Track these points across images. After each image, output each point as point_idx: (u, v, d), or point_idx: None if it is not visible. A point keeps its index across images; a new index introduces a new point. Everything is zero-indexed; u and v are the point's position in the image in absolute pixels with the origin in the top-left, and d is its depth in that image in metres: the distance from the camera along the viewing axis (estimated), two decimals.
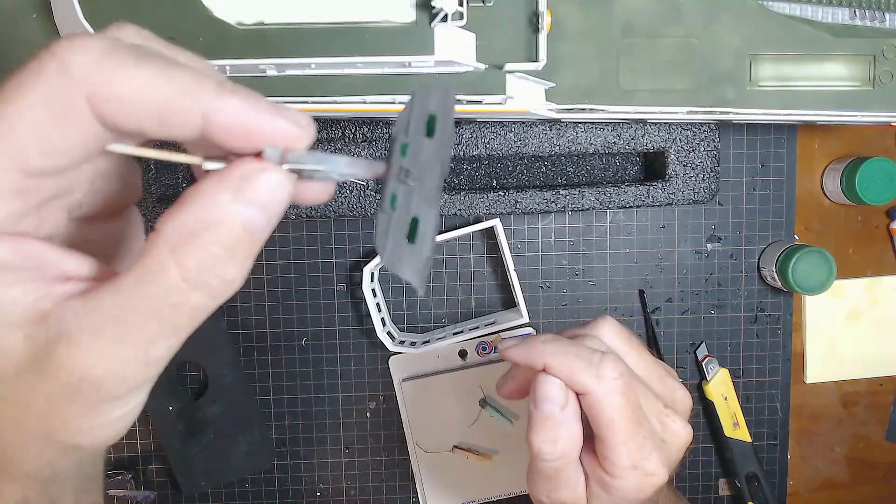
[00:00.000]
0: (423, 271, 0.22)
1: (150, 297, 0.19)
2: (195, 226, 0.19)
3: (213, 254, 0.19)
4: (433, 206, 0.23)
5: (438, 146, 0.23)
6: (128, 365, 0.20)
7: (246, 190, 0.19)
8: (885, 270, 0.70)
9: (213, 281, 0.19)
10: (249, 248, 0.19)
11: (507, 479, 0.68)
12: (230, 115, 0.19)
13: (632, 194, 0.62)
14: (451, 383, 0.67)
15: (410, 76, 0.48)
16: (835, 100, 0.52)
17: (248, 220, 0.19)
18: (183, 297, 0.19)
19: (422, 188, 0.23)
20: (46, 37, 0.48)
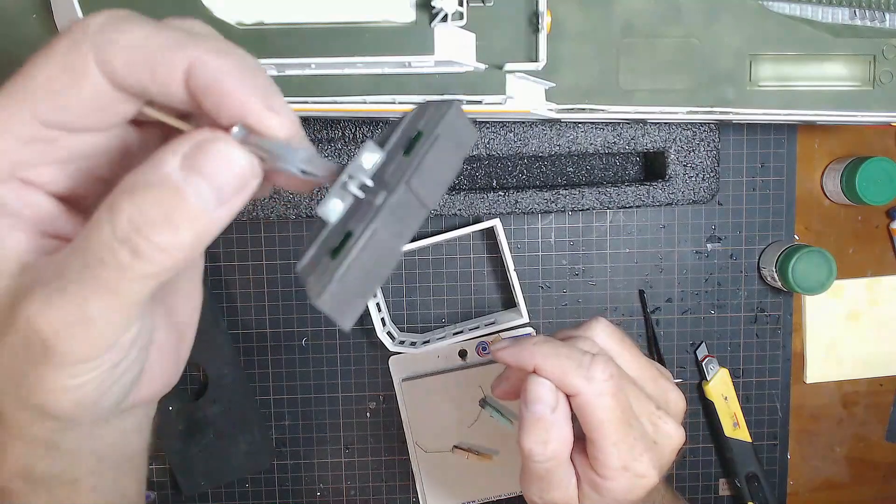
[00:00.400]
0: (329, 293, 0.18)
1: (83, 250, 0.19)
2: (136, 183, 0.19)
3: (145, 213, 0.18)
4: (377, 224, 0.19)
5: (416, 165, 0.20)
6: (64, 319, 0.19)
7: (194, 157, 0.19)
8: (885, 270, 0.70)
9: (143, 243, 0.18)
10: (190, 219, 0.19)
11: (507, 479, 0.68)
12: (208, 72, 0.19)
13: (632, 194, 0.62)
14: (451, 383, 0.67)
15: (410, 76, 0.48)
16: (835, 100, 0.52)
17: (192, 189, 0.19)
18: (110, 254, 0.19)
19: (370, 205, 0.19)
20: (46, 37, 0.48)
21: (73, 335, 0.20)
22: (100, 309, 0.19)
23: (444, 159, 0.20)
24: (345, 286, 0.19)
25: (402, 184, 0.19)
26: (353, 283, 0.19)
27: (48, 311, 0.19)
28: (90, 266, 0.19)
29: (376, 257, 0.19)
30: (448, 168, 0.20)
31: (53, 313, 0.19)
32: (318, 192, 0.61)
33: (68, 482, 0.25)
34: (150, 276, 0.19)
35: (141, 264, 0.19)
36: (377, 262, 0.19)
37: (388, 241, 0.19)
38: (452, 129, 0.20)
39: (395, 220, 0.19)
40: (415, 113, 0.21)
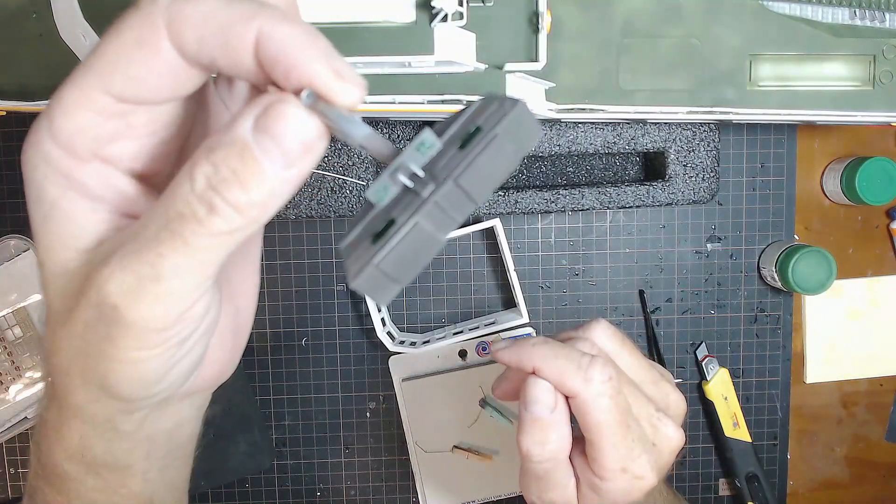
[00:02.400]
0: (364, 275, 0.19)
1: (162, 208, 0.20)
2: (212, 144, 0.19)
3: (220, 172, 0.19)
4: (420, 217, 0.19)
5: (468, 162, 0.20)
6: (137, 280, 0.20)
7: (264, 118, 0.19)
8: (885, 270, 0.70)
9: (217, 199, 0.19)
10: (259, 178, 0.19)
11: (507, 479, 0.68)
12: (276, 42, 0.19)
13: (632, 194, 0.62)
14: (451, 383, 0.67)
15: (410, 76, 0.48)
16: (835, 100, 0.52)
17: (261, 150, 0.19)
18: (188, 208, 0.19)
19: (417, 196, 0.20)
20: (46, 37, 0.48)
21: (145, 300, 0.20)
22: (172, 266, 0.20)
23: (499, 158, 0.20)
24: (381, 271, 0.19)
25: (450, 180, 0.20)
26: (390, 269, 0.19)
27: (120, 272, 0.20)
28: (168, 222, 0.19)
29: (416, 247, 0.19)
30: (502, 167, 0.20)
31: (125, 274, 0.20)
32: (318, 192, 0.61)
33: (121, 468, 0.25)
34: (223, 233, 0.20)
35: (216, 220, 0.19)
36: (417, 252, 0.20)
37: (430, 233, 0.20)
38: (513, 129, 0.20)
39: (440, 213, 0.20)
40: (478, 106, 0.21)
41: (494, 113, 0.20)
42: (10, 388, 0.63)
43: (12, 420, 0.63)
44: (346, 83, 0.20)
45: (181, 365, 0.23)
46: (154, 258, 0.20)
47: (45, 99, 0.49)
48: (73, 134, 0.20)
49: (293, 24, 0.19)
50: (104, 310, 0.20)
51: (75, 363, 0.22)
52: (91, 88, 0.20)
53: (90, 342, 0.21)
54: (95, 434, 0.24)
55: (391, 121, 0.62)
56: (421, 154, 0.20)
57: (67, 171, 0.21)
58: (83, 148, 0.21)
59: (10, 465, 0.68)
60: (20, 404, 0.63)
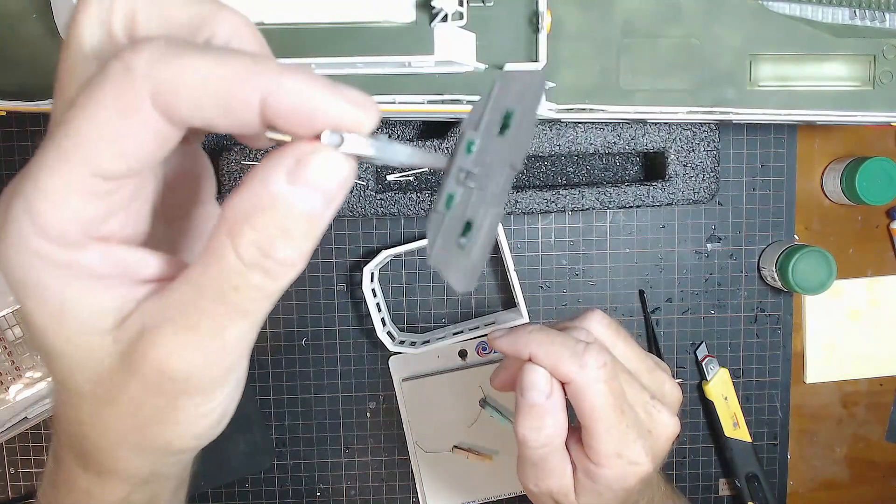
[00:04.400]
0: (468, 277, 0.21)
1: (213, 282, 0.19)
2: (249, 207, 0.19)
3: (267, 235, 0.19)
4: (493, 209, 0.21)
5: (511, 145, 0.22)
6: (202, 353, 0.20)
7: (299, 171, 0.19)
8: (885, 270, 0.70)
9: (269, 263, 0.19)
10: (306, 229, 0.19)
11: (507, 479, 0.68)
12: (288, 97, 0.19)
13: (632, 194, 0.62)
14: (451, 383, 0.67)
15: (410, 76, 0.48)
16: (835, 100, 0.52)
17: (303, 201, 0.19)
18: (242, 279, 0.19)
19: (483, 190, 0.21)
20: (47, 37, 0.48)
21: (212, 365, 0.20)
22: (237, 334, 0.20)
23: (531, 127, 0.22)
24: (476, 268, 0.21)
25: (507, 167, 0.22)
26: (480, 260, 0.22)
27: (182, 350, 0.20)
28: (223, 296, 0.19)
29: (493, 231, 0.22)
30: (532, 131, 0.23)
31: (189, 351, 0.20)
32: None
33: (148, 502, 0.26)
34: (279, 291, 0.20)
35: (273, 282, 0.19)
36: (492, 234, 0.22)
37: (498, 213, 0.22)
38: (535, 99, 0.22)
39: (501, 195, 0.22)
40: (500, 87, 0.22)
41: (519, 92, 0.22)
42: (10, 388, 0.63)
43: (12, 420, 0.63)
44: (365, 111, 0.19)
45: (234, 402, 0.23)
46: (217, 331, 0.20)
47: (46, 99, 0.49)
48: (64, 224, 0.19)
49: (295, 74, 0.19)
50: (167, 384, 0.20)
51: (126, 437, 0.22)
52: (74, 172, 0.18)
53: (147, 415, 0.21)
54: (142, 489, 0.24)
55: (391, 121, 0.62)
56: (469, 153, 0.22)
57: (67, 262, 0.19)
58: (77, 235, 0.19)
59: (10, 465, 0.68)
60: (20, 404, 0.63)
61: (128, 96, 0.18)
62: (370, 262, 0.63)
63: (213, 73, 0.18)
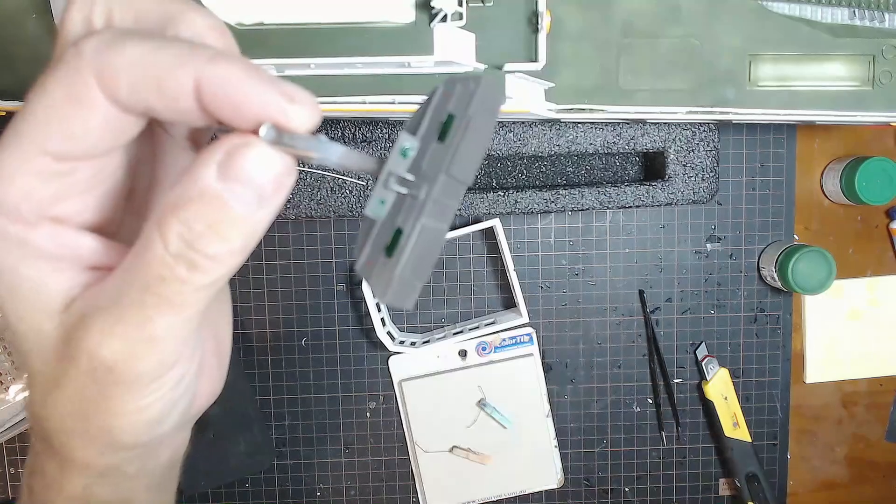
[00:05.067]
0: (394, 289, 0.19)
1: (140, 271, 0.19)
2: (179, 199, 0.19)
3: (193, 228, 0.19)
4: (427, 219, 0.20)
5: (453, 152, 0.20)
6: (127, 343, 0.20)
7: (229, 164, 0.19)
8: (885, 270, 0.70)
9: (196, 256, 0.19)
10: (236, 225, 0.19)
11: (507, 479, 0.68)
12: (219, 82, 0.18)
13: (631, 194, 0.62)
14: (451, 383, 0.67)
15: (410, 76, 0.48)
16: (834, 100, 0.52)
17: (232, 196, 0.19)
18: (168, 270, 0.19)
19: (414, 199, 0.20)
20: (46, 37, 0.48)
21: (140, 357, 0.20)
22: (163, 326, 0.20)
23: (479, 136, 0.20)
24: (404, 280, 0.20)
25: (441, 174, 0.20)
26: (411, 273, 0.20)
27: (110, 339, 0.20)
28: (149, 286, 0.19)
29: (428, 245, 0.20)
30: (482, 143, 0.21)
31: (116, 340, 0.20)
32: (318, 192, 0.61)
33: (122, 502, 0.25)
34: (207, 286, 0.19)
35: (198, 276, 0.19)
36: (429, 249, 0.20)
37: (437, 228, 0.20)
38: (484, 105, 0.20)
39: (440, 208, 0.20)
40: (442, 93, 0.21)
41: (461, 96, 0.20)
42: (10, 388, 0.63)
43: (12, 420, 0.63)
44: (301, 105, 0.19)
45: (181, 402, 0.23)
46: (143, 322, 0.19)
47: None
48: (17, 200, 0.20)
49: (231, 60, 0.19)
50: (99, 373, 0.20)
51: (74, 424, 0.22)
52: (27, 151, 0.19)
53: (88, 403, 0.21)
54: (101, 482, 0.24)
55: (391, 121, 0.62)
56: (404, 157, 0.21)
57: (20, 238, 0.20)
58: (30, 213, 0.20)
59: (10, 465, 0.68)
60: (20, 404, 0.63)
61: (74, 78, 0.19)
62: None
63: (150, 57, 0.19)
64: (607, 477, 0.70)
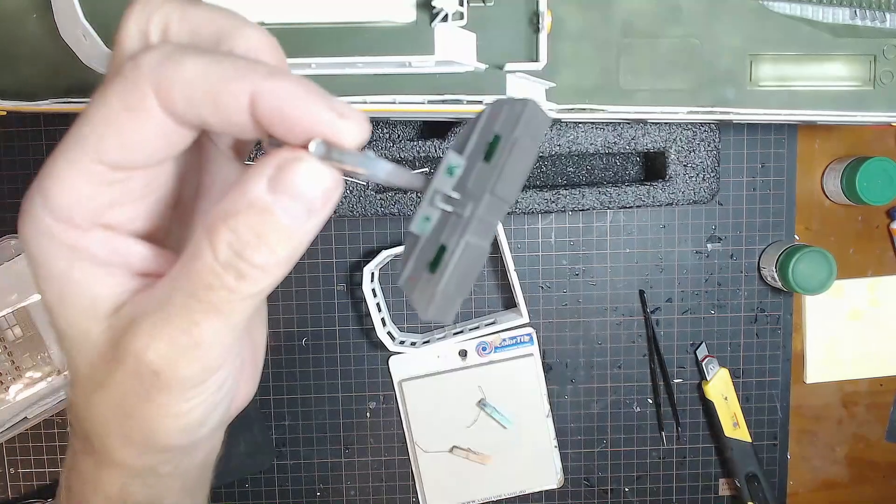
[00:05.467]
0: (435, 304, 0.20)
1: (188, 278, 0.20)
2: (229, 209, 0.19)
3: (242, 238, 0.19)
4: (470, 237, 0.20)
5: (498, 172, 0.20)
6: (173, 347, 0.20)
7: (279, 178, 0.19)
8: (885, 270, 0.70)
9: (243, 265, 0.19)
10: (284, 237, 0.19)
11: (507, 479, 0.68)
12: (274, 99, 0.19)
13: (632, 194, 0.62)
14: (451, 383, 0.67)
15: (410, 76, 0.48)
16: (835, 100, 0.52)
17: (281, 208, 0.19)
18: (216, 278, 0.19)
19: (459, 216, 0.20)
20: (47, 37, 0.48)
21: (186, 361, 0.20)
22: (210, 332, 0.20)
23: (524, 158, 0.21)
24: (446, 296, 0.20)
25: (486, 193, 0.20)
26: (453, 290, 0.20)
27: (157, 343, 0.20)
28: (197, 292, 0.20)
29: (470, 262, 0.21)
30: (526, 164, 0.21)
31: (163, 344, 0.20)
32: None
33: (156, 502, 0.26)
34: (253, 295, 0.20)
35: (245, 285, 0.20)
36: (471, 266, 0.21)
37: (479, 246, 0.21)
38: (529, 128, 0.21)
39: (483, 225, 0.21)
40: (489, 113, 0.21)
41: (508, 118, 0.21)
42: (10, 388, 0.63)
43: (12, 420, 0.63)
44: (351, 122, 0.19)
45: (221, 407, 0.23)
46: (189, 327, 0.20)
47: (46, 99, 0.49)
48: (71, 206, 0.20)
49: (286, 77, 0.19)
50: (144, 375, 0.21)
51: (115, 425, 0.22)
52: (83, 159, 0.20)
53: (131, 405, 0.21)
54: (137, 482, 0.24)
55: (391, 121, 0.62)
56: (450, 175, 0.21)
57: (72, 244, 0.21)
58: (83, 219, 0.21)
59: (10, 465, 0.68)
60: (20, 404, 0.63)
61: (133, 91, 0.19)
62: (370, 262, 0.63)
63: (207, 71, 0.19)
64: (607, 477, 0.70)
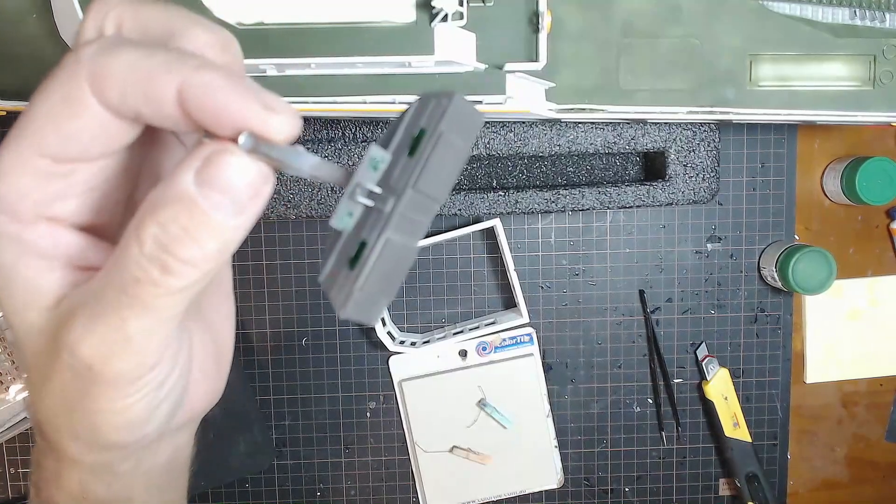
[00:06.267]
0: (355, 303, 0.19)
1: (118, 272, 0.20)
2: (156, 202, 0.19)
3: (168, 231, 0.19)
4: (392, 234, 0.19)
5: (423, 168, 0.20)
6: (104, 343, 0.20)
7: (205, 171, 0.19)
8: (885, 270, 0.70)
9: (169, 259, 0.19)
10: (210, 230, 0.19)
11: (507, 479, 0.68)
12: (201, 91, 0.19)
13: (632, 194, 0.62)
14: (451, 383, 0.67)
15: (410, 76, 0.48)
16: (835, 100, 0.52)
17: (207, 202, 0.19)
18: (143, 272, 0.19)
19: (381, 212, 0.20)
20: (47, 37, 0.48)
21: (117, 357, 0.20)
22: (139, 328, 0.20)
23: (451, 153, 0.20)
24: (365, 294, 0.19)
25: (408, 188, 0.19)
26: (374, 288, 0.19)
27: (89, 336, 0.20)
28: (125, 286, 0.19)
29: (393, 260, 0.20)
30: (455, 161, 0.20)
31: (94, 338, 0.20)
32: (318, 192, 0.61)
33: (122, 501, 0.26)
34: (181, 289, 0.20)
35: (171, 279, 0.19)
36: (395, 264, 0.20)
37: (403, 243, 0.20)
38: (456, 122, 0.20)
39: (407, 222, 0.20)
40: (415, 108, 0.21)
41: (433, 111, 0.20)
42: (10, 388, 0.63)
43: (12, 420, 0.63)
44: (279, 115, 0.19)
45: (165, 403, 0.23)
46: (118, 322, 0.20)
47: None
48: (15, 200, 0.20)
49: (214, 70, 0.19)
50: (79, 370, 0.20)
51: (62, 419, 0.22)
52: (25, 152, 0.20)
53: (72, 399, 0.21)
54: (94, 479, 0.24)
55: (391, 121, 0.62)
56: (374, 170, 0.20)
57: (16, 236, 0.21)
58: (27, 212, 0.21)
59: (10, 465, 0.68)
60: (20, 404, 0.63)
61: (71, 82, 0.19)
62: None
63: (139, 64, 0.19)
64: (607, 477, 0.70)
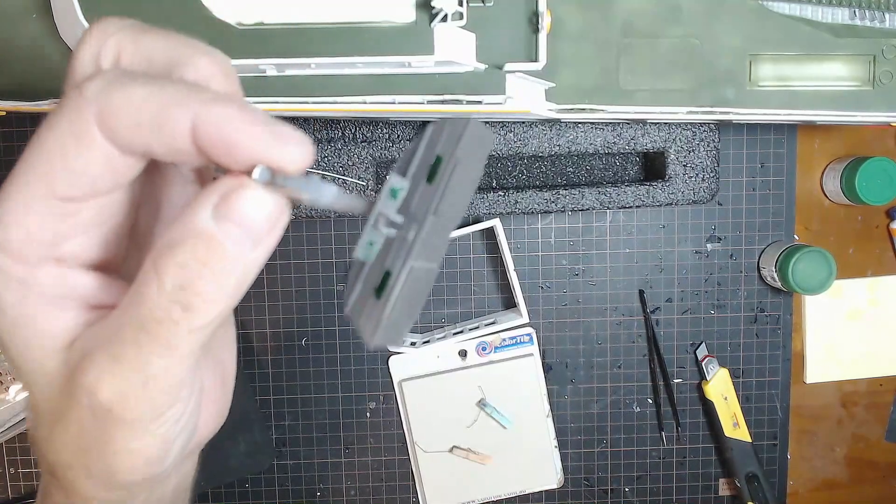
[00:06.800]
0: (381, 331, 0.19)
1: (137, 312, 0.19)
2: (175, 240, 0.19)
3: (188, 269, 0.19)
4: (414, 261, 0.20)
5: (441, 193, 0.20)
6: (124, 384, 0.20)
7: (223, 206, 0.19)
8: (885, 270, 0.70)
9: (189, 297, 0.19)
10: (230, 265, 0.19)
11: (507, 479, 0.68)
12: (214, 125, 0.19)
13: (632, 194, 0.62)
14: (451, 383, 0.67)
15: (410, 76, 0.48)
16: (835, 100, 0.52)
17: (226, 237, 0.19)
18: (163, 312, 0.19)
19: (403, 240, 0.20)
20: (46, 37, 0.48)
21: (137, 397, 0.20)
22: (160, 367, 0.20)
23: (467, 176, 0.21)
24: (393, 321, 0.20)
25: (430, 215, 0.20)
26: (400, 314, 0.20)
27: (108, 378, 0.20)
28: (146, 327, 0.19)
29: (417, 286, 0.20)
30: (471, 182, 0.21)
31: (114, 380, 0.20)
32: None
33: None
34: (202, 327, 0.19)
35: (193, 317, 0.19)
36: (419, 289, 0.20)
37: (426, 269, 0.20)
38: (471, 146, 0.21)
39: (428, 247, 0.20)
40: (431, 134, 0.21)
41: (449, 138, 0.21)
42: (10, 388, 0.63)
43: (12, 420, 0.63)
44: (293, 147, 0.19)
45: (180, 438, 0.23)
46: (139, 362, 0.19)
47: (46, 99, 0.49)
48: (20, 242, 0.20)
49: (227, 103, 0.19)
50: (97, 412, 0.20)
51: (77, 459, 0.22)
52: (30, 192, 0.19)
53: (88, 440, 0.21)
54: None
55: (391, 121, 0.62)
56: (393, 199, 0.21)
57: (22, 279, 0.20)
58: (32, 254, 0.20)
59: (10, 465, 0.68)
60: (20, 404, 0.63)
61: (78, 119, 0.19)
62: None
63: (149, 98, 0.19)
64: (607, 477, 0.70)
